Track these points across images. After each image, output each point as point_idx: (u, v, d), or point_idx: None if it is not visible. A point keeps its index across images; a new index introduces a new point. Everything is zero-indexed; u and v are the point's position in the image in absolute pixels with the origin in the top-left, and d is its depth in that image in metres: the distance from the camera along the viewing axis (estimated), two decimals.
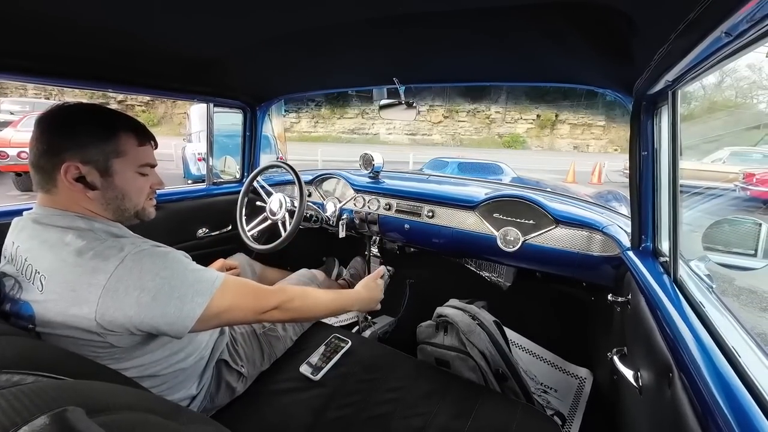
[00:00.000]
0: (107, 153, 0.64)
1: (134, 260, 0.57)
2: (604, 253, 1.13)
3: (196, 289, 0.62)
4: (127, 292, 0.56)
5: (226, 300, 0.65)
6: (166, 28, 0.80)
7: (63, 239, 0.58)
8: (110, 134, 0.65)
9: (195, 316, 0.61)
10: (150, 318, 0.57)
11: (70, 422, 0.26)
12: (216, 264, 1.23)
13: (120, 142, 0.65)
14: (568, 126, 22.51)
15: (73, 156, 0.61)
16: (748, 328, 0.57)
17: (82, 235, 0.59)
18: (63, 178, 0.61)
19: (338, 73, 1.27)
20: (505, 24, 0.74)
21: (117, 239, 0.61)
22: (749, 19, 0.40)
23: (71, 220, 0.62)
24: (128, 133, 0.67)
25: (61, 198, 0.63)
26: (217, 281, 0.65)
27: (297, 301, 0.79)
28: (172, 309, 0.59)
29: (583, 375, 1.39)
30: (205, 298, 0.62)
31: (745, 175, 4.74)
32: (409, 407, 0.84)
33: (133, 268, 0.57)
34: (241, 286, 0.70)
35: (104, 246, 0.58)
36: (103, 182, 0.64)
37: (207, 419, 0.52)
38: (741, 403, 0.41)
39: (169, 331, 0.60)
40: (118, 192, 0.66)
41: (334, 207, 1.64)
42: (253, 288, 0.73)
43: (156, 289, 0.57)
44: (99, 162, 0.63)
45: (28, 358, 0.45)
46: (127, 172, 0.67)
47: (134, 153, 0.68)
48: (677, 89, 0.71)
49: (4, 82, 2.46)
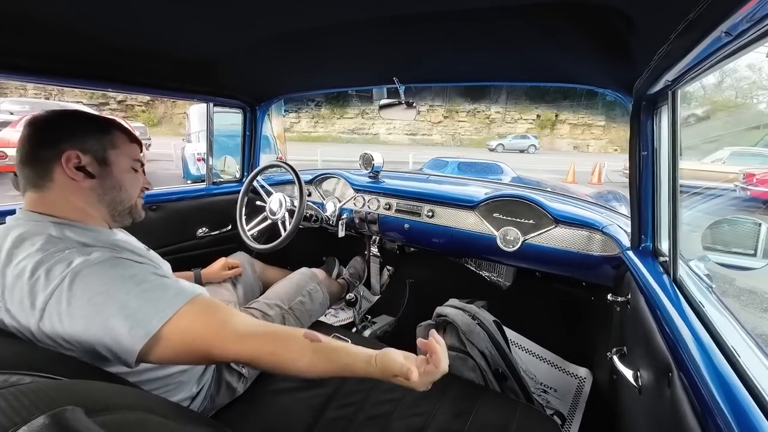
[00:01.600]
0: (104, 144, 0.66)
1: (72, 280, 0.52)
2: (603, 252, 1.13)
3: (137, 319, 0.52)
4: (60, 317, 0.51)
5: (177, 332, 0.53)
6: (166, 28, 0.80)
7: (26, 251, 0.55)
8: (105, 128, 0.68)
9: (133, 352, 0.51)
10: (88, 347, 0.51)
11: (69, 422, 0.26)
12: (218, 263, 1.23)
13: (114, 136, 0.69)
14: (568, 126, 22.51)
15: (71, 146, 0.62)
16: (749, 329, 0.57)
17: (45, 245, 0.55)
18: (64, 168, 0.61)
19: (338, 72, 1.27)
20: (505, 24, 0.74)
21: (79, 249, 0.56)
22: (749, 19, 0.40)
23: (44, 227, 0.58)
24: (120, 130, 0.70)
25: (53, 195, 0.62)
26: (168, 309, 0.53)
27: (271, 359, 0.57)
28: (107, 340, 0.51)
29: (582, 375, 1.39)
30: (147, 331, 0.51)
31: (746, 175, 4.73)
32: (409, 407, 0.84)
33: (74, 290, 0.51)
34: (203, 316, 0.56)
35: (58, 260, 0.53)
36: (101, 171, 0.66)
37: (207, 419, 0.52)
38: (740, 403, 0.41)
39: (116, 362, 0.52)
40: (115, 182, 0.68)
41: (333, 207, 1.64)
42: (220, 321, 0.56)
43: (86, 317, 0.51)
44: (97, 152, 0.65)
45: (26, 358, 0.45)
46: (123, 164, 0.69)
47: (127, 147, 0.71)
48: (677, 89, 0.71)
49: (4, 81, 2.46)
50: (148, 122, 17.55)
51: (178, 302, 0.55)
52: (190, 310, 0.55)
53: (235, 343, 0.56)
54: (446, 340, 1.16)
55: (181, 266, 1.10)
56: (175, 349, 0.53)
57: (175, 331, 0.53)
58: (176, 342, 0.53)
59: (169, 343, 0.53)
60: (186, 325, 0.54)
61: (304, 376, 0.59)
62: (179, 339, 0.53)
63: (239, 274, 1.26)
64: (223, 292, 1.17)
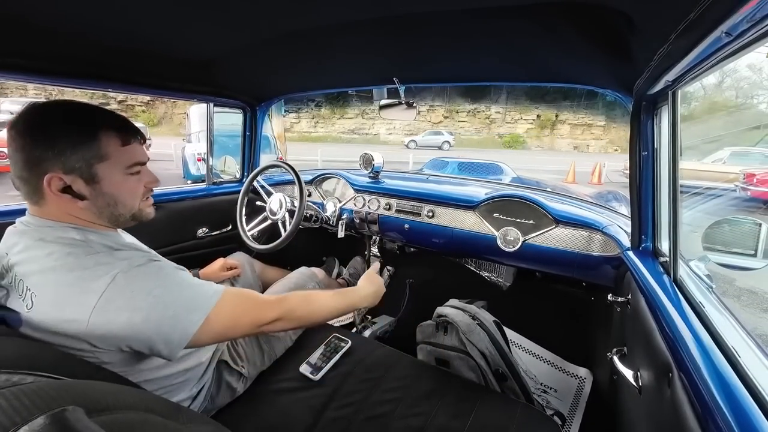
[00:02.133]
0: (89, 159, 0.58)
1: (126, 279, 0.55)
2: (604, 253, 1.13)
3: (191, 305, 0.60)
4: (117, 312, 0.54)
5: (224, 315, 0.63)
6: (166, 28, 0.80)
7: (54, 255, 0.56)
8: (90, 138, 0.59)
9: (190, 334, 0.59)
10: (143, 337, 0.56)
11: (70, 422, 0.26)
12: (216, 263, 1.23)
13: (101, 145, 0.59)
14: (569, 126, 22.49)
15: (53, 166, 0.56)
16: (749, 329, 0.57)
17: (74, 249, 0.57)
18: (48, 191, 0.57)
19: (338, 72, 1.27)
20: (506, 24, 0.74)
21: (111, 253, 0.59)
22: (749, 19, 0.40)
23: (64, 232, 0.59)
24: (109, 133, 0.61)
25: (52, 209, 0.60)
26: (214, 297, 0.63)
27: (300, 309, 0.76)
28: (165, 328, 0.57)
29: (582, 375, 1.39)
30: (202, 314, 0.60)
31: (746, 176, 4.73)
32: (409, 407, 0.84)
33: (124, 288, 0.55)
34: (240, 299, 0.68)
35: (95, 262, 0.56)
36: (90, 191, 0.60)
37: (207, 419, 0.52)
38: (741, 403, 0.41)
39: (163, 350, 0.58)
40: (109, 199, 0.62)
41: (334, 207, 1.64)
42: (253, 300, 0.70)
43: (148, 309, 0.55)
44: (82, 169, 0.58)
45: (28, 358, 0.45)
46: (115, 176, 0.62)
47: (119, 154, 0.62)
48: (677, 89, 0.71)
49: (5, 82, 2.46)
50: (148, 122, 17.57)
51: (219, 291, 0.65)
52: (229, 294, 0.66)
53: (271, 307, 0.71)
54: (446, 340, 1.16)
55: (182, 266, 1.10)
56: (225, 325, 0.64)
57: (221, 312, 0.63)
58: (224, 320, 0.63)
59: (218, 322, 0.62)
60: (231, 306, 0.65)
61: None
62: (228, 316, 0.64)
63: (238, 275, 1.26)
64: None
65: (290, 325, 0.76)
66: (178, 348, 0.59)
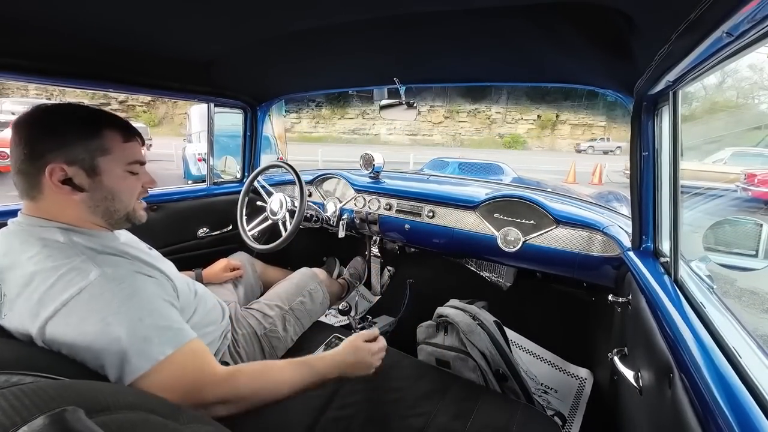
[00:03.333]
0: (92, 151, 0.60)
1: (90, 295, 0.53)
2: (604, 253, 1.13)
3: (138, 349, 0.54)
4: (66, 329, 0.52)
5: (165, 375, 0.56)
6: (166, 29, 0.80)
7: (34, 258, 0.55)
8: (94, 131, 0.61)
9: (127, 380, 0.53)
10: (87, 358, 0.53)
11: (69, 422, 0.26)
12: (219, 264, 1.23)
13: (105, 139, 0.62)
14: (569, 126, 22.50)
15: (56, 157, 0.57)
16: (750, 329, 0.57)
17: (53, 252, 0.56)
18: (48, 182, 0.57)
19: (338, 73, 1.27)
20: (506, 24, 0.74)
21: (92, 258, 0.57)
22: (750, 19, 0.40)
23: (50, 233, 0.58)
24: (113, 129, 0.63)
25: (47, 205, 0.60)
26: (167, 349, 0.56)
27: (250, 385, 0.64)
28: (107, 360, 0.53)
29: (583, 375, 1.39)
30: (144, 363, 0.54)
31: (747, 176, 4.72)
32: (410, 407, 0.84)
33: (84, 304, 0.53)
34: (193, 364, 0.59)
35: (70, 267, 0.55)
36: (90, 183, 0.61)
37: (207, 419, 0.52)
38: (742, 404, 0.41)
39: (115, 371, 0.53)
40: (107, 192, 0.63)
41: (334, 207, 1.64)
42: (203, 373, 0.60)
43: (95, 335, 0.52)
44: (85, 161, 0.59)
45: (28, 358, 0.45)
46: (116, 170, 0.63)
47: (121, 150, 0.64)
48: (678, 89, 0.71)
49: (6, 82, 2.46)
50: (149, 122, 17.60)
51: (179, 343, 0.58)
52: (185, 354, 0.59)
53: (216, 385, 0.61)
54: (447, 340, 1.16)
55: (182, 266, 1.10)
56: (162, 387, 0.55)
57: (165, 371, 0.56)
58: (165, 381, 0.56)
59: (158, 381, 0.55)
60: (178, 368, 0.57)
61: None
62: (170, 378, 0.56)
63: (241, 276, 1.27)
64: (223, 293, 1.17)
65: (236, 409, 0.63)
66: (123, 382, 0.54)
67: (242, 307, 1.08)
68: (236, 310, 1.04)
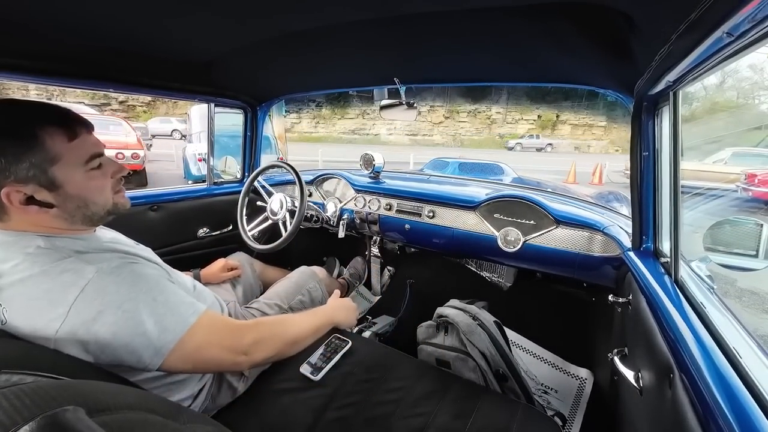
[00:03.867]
0: (40, 164, 0.53)
1: (96, 289, 0.52)
2: (604, 253, 1.13)
3: (164, 325, 0.56)
4: (86, 326, 0.51)
5: (198, 340, 0.59)
6: (167, 29, 0.80)
7: (20, 266, 0.53)
8: (31, 141, 0.52)
9: (162, 355, 0.55)
10: (110, 352, 0.53)
11: (70, 422, 0.26)
12: (217, 264, 1.23)
13: (47, 146, 0.53)
14: (569, 126, 22.49)
15: (5, 180, 0.51)
16: (750, 330, 0.57)
17: (39, 258, 0.53)
18: (10, 206, 0.53)
19: (339, 73, 1.27)
20: (506, 24, 0.74)
21: (80, 257, 0.55)
22: (751, 20, 0.40)
23: (30, 240, 0.55)
24: (51, 130, 0.54)
25: (19, 223, 0.56)
26: (191, 318, 0.59)
27: (276, 328, 0.75)
28: (135, 345, 0.54)
29: (583, 376, 1.39)
30: (175, 335, 0.56)
31: (747, 176, 4.72)
32: (410, 407, 0.84)
33: (94, 299, 0.52)
34: (218, 323, 0.65)
35: (62, 269, 0.53)
36: (56, 196, 0.56)
37: (207, 419, 0.52)
38: (742, 404, 0.41)
39: (137, 365, 0.55)
40: (78, 201, 0.58)
41: (334, 207, 1.64)
42: (229, 326, 0.67)
43: (117, 324, 0.52)
44: (38, 177, 0.53)
45: (28, 358, 0.45)
46: (76, 176, 0.57)
47: (70, 152, 0.56)
48: (678, 89, 0.71)
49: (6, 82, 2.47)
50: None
51: (197, 312, 0.62)
52: (207, 317, 0.63)
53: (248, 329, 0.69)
54: (447, 340, 1.16)
55: (183, 266, 1.11)
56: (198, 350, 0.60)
57: (196, 336, 0.59)
58: (198, 344, 0.60)
59: (191, 346, 0.59)
60: (206, 330, 0.62)
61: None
62: (202, 340, 0.60)
63: (238, 276, 1.27)
64: (222, 293, 1.17)
65: (268, 349, 0.71)
66: (152, 366, 0.56)
67: (242, 307, 1.08)
68: (236, 309, 1.04)
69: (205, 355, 0.61)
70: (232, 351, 0.64)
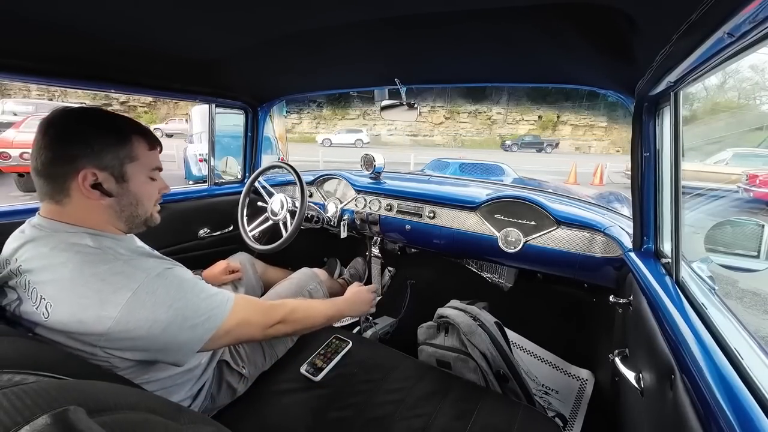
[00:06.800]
0: (122, 158, 0.63)
1: (147, 292, 0.57)
2: (605, 254, 1.13)
3: (208, 315, 0.64)
4: (138, 323, 0.56)
5: (235, 321, 0.68)
6: (168, 29, 0.80)
7: (68, 264, 0.56)
8: (123, 139, 0.64)
9: (204, 340, 0.63)
10: (159, 346, 0.59)
11: (71, 422, 0.26)
12: (219, 265, 1.23)
13: (133, 147, 0.65)
14: (570, 127, 22.48)
15: (88, 163, 0.59)
16: (752, 330, 0.57)
17: (88, 258, 0.57)
18: (80, 186, 0.59)
19: (340, 73, 1.27)
20: (507, 24, 0.74)
21: (128, 262, 0.60)
22: (752, 20, 0.40)
23: (79, 238, 0.59)
24: (139, 137, 0.66)
25: (73, 209, 0.61)
26: (228, 304, 0.68)
27: (299, 312, 0.82)
28: (182, 337, 0.61)
29: (584, 376, 1.38)
30: (217, 322, 0.65)
31: (749, 177, 4.71)
32: (410, 408, 0.84)
33: (146, 301, 0.57)
34: (249, 304, 0.74)
35: (112, 272, 0.57)
36: (118, 189, 0.64)
37: (207, 419, 0.52)
38: (743, 405, 0.41)
39: (174, 357, 0.62)
40: (133, 198, 0.66)
41: (335, 207, 1.64)
42: (259, 305, 0.76)
43: (169, 321, 0.58)
44: (115, 167, 0.62)
45: (30, 358, 0.45)
46: (140, 177, 0.67)
47: (146, 157, 0.68)
48: (679, 90, 0.71)
49: (8, 83, 2.46)
50: (150, 123, 17.64)
51: (231, 298, 0.70)
52: (240, 300, 0.71)
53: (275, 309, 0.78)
54: (447, 341, 1.16)
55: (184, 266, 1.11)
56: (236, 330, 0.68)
57: (233, 319, 0.68)
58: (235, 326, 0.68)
59: (230, 328, 0.67)
60: (241, 312, 0.70)
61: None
62: (239, 322, 0.69)
63: (240, 278, 1.27)
64: None
65: (290, 327, 0.80)
66: (191, 354, 0.63)
67: None
68: None
69: (240, 335, 0.71)
70: (264, 327, 0.74)
